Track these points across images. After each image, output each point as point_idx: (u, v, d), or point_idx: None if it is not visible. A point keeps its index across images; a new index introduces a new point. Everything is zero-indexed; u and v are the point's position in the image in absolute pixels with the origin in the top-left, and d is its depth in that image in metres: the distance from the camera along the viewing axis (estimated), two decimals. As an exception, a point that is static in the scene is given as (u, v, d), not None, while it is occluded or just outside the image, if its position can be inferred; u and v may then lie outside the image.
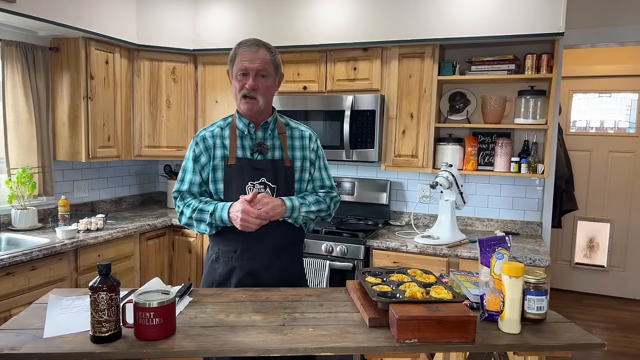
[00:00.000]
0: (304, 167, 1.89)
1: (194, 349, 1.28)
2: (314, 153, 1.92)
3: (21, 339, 1.30)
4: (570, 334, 1.42)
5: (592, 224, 4.79)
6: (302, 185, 1.89)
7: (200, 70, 3.64)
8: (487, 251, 1.53)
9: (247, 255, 1.81)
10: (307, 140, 1.91)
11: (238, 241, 1.81)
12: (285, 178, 1.83)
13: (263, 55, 1.77)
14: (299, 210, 1.80)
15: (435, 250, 2.78)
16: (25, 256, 2.40)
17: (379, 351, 1.33)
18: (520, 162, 2.98)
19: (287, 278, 1.85)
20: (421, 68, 3.06)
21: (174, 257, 3.49)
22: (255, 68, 1.75)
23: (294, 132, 1.90)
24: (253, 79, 1.75)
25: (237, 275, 1.82)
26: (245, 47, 1.77)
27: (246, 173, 1.80)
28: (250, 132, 1.84)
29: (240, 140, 1.84)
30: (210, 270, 1.89)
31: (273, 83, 1.83)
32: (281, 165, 1.83)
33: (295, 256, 1.93)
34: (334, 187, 1.97)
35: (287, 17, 3.28)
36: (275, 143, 1.86)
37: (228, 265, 1.84)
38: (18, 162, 2.95)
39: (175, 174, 3.94)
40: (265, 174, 1.81)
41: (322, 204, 1.88)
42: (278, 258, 1.84)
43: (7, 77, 2.88)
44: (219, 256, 1.86)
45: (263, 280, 1.82)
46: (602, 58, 4.60)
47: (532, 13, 2.75)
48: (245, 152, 1.83)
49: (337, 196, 1.96)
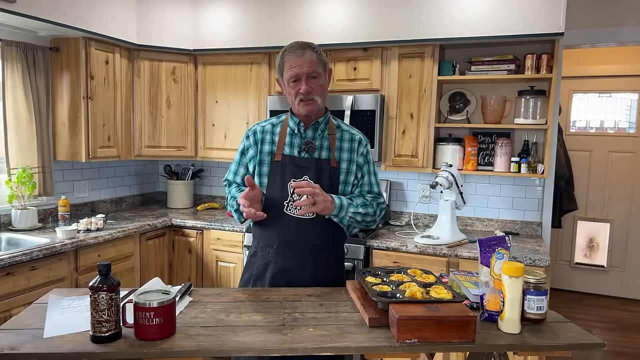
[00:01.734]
0: (350, 170, 1.88)
1: (194, 349, 1.28)
2: (363, 157, 1.91)
3: (21, 339, 1.30)
4: (570, 334, 1.42)
5: (592, 224, 4.79)
6: (347, 187, 1.88)
7: (200, 70, 3.64)
8: (487, 251, 1.53)
9: (283, 251, 1.82)
10: (357, 143, 1.90)
11: (276, 236, 1.82)
12: (329, 178, 1.83)
13: (310, 57, 1.77)
14: (347, 210, 1.79)
15: (435, 250, 2.78)
16: (25, 256, 2.40)
17: (379, 351, 1.33)
18: (520, 162, 2.98)
19: (321, 280, 1.83)
20: (421, 68, 3.06)
21: (174, 257, 3.49)
22: (305, 72, 1.76)
23: (344, 134, 1.90)
24: (306, 83, 1.76)
25: (271, 270, 1.83)
26: (291, 53, 1.78)
27: (289, 170, 1.82)
28: (300, 130, 1.86)
29: (290, 138, 1.87)
30: (249, 265, 1.91)
31: (325, 81, 1.84)
32: (326, 165, 1.84)
33: (332, 258, 1.90)
34: (381, 193, 1.96)
35: (287, 17, 3.28)
36: (324, 143, 1.86)
37: (265, 260, 1.85)
38: (18, 162, 2.95)
39: (176, 174, 3.95)
40: (308, 172, 1.82)
41: (369, 207, 1.87)
42: (314, 258, 1.83)
43: (7, 77, 2.88)
44: (258, 250, 1.88)
45: (295, 279, 1.81)
46: (602, 58, 4.60)
47: (532, 13, 2.75)
48: (292, 150, 1.86)
49: (383, 203, 1.95)
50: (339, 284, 1.90)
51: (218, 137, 3.65)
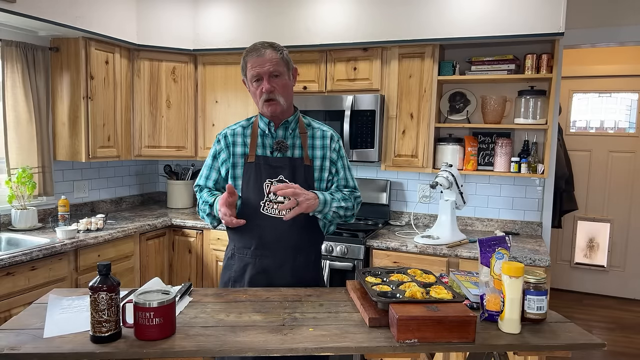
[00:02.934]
0: (324, 167, 1.88)
1: (194, 349, 1.28)
2: (336, 153, 1.92)
3: (21, 339, 1.30)
4: (570, 334, 1.42)
5: (592, 224, 4.79)
6: (322, 184, 1.89)
7: (200, 70, 3.64)
8: (487, 251, 1.53)
9: (261, 252, 1.82)
10: (329, 140, 1.91)
11: (253, 238, 1.82)
12: (304, 176, 1.83)
13: (271, 56, 1.77)
14: (331, 205, 1.79)
15: (435, 250, 2.78)
16: (25, 256, 2.40)
17: (379, 351, 1.33)
18: (520, 162, 2.98)
19: (301, 280, 1.83)
20: (421, 68, 3.06)
21: (174, 257, 3.49)
22: (266, 71, 1.76)
23: (315, 132, 1.90)
24: (267, 82, 1.76)
25: (250, 272, 1.83)
26: (252, 52, 1.79)
27: (264, 170, 1.82)
28: (271, 131, 1.86)
29: (261, 139, 1.87)
30: (227, 267, 1.91)
31: (288, 80, 1.84)
32: (300, 164, 1.84)
33: (312, 257, 1.90)
34: (357, 187, 1.96)
35: (287, 17, 3.28)
36: (296, 142, 1.87)
37: (242, 262, 1.85)
38: (18, 162, 2.95)
39: (175, 174, 3.95)
40: (282, 171, 1.82)
41: (348, 202, 1.87)
42: (293, 258, 1.83)
43: (7, 77, 2.87)
44: (235, 252, 1.88)
45: (275, 280, 1.81)
46: (602, 58, 4.60)
47: (532, 13, 2.75)
48: (265, 151, 1.85)
49: (359, 197, 1.96)
50: (319, 283, 1.92)
51: (218, 137, 3.64)
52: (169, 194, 3.91)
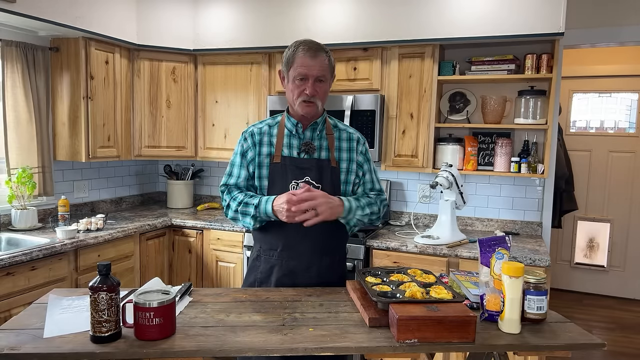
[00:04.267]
0: (350, 169, 1.88)
1: (194, 349, 1.28)
2: (362, 156, 1.92)
3: (21, 339, 1.30)
4: (570, 334, 1.42)
5: (592, 224, 4.79)
6: (348, 187, 1.88)
7: (200, 70, 3.64)
8: (487, 251, 1.53)
9: (287, 254, 1.81)
10: (355, 142, 1.90)
11: (279, 239, 1.82)
12: (331, 178, 1.83)
13: (322, 61, 1.76)
14: (355, 212, 1.79)
15: (435, 250, 2.78)
16: (25, 256, 2.40)
17: (379, 351, 1.33)
18: (520, 162, 2.98)
19: (327, 281, 1.83)
20: (421, 68, 3.06)
21: (174, 257, 3.49)
22: (315, 75, 1.75)
23: (342, 133, 1.90)
24: (313, 86, 1.75)
25: (276, 274, 1.82)
26: (305, 51, 1.76)
27: (290, 171, 1.81)
28: (298, 131, 1.85)
29: (288, 139, 1.85)
30: (252, 269, 1.90)
31: (329, 86, 1.84)
32: (327, 165, 1.83)
33: (337, 258, 1.90)
34: (382, 190, 1.97)
35: (287, 17, 3.28)
36: (323, 144, 1.86)
37: (269, 264, 1.84)
38: (18, 162, 2.95)
39: (175, 174, 3.95)
40: (309, 172, 1.81)
41: (375, 206, 1.88)
42: (319, 259, 1.83)
43: (7, 77, 2.87)
44: (260, 254, 1.87)
45: (301, 282, 1.81)
46: (602, 58, 4.60)
47: (532, 13, 2.75)
48: (291, 151, 1.84)
49: (386, 199, 1.96)
50: (342, 284, 1.90)
51: (218, 137, 3.65)
52: (169, 194, 3.91)
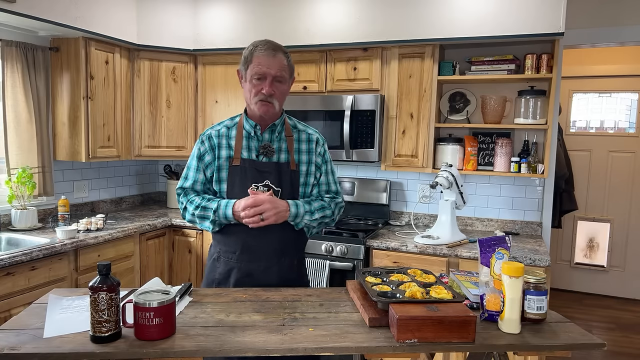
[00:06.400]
0: (310, 172, 1.88)
1: (194, 349, 1.28)
2: (321, 157, 1.91)
3: (21, 339, 1.30)
4: (570, 334, 1.42)
5: (592, 224, 4.79)
6: (307, 189, 1.89)
7: (200, 70, 3.64)
8: (487, 251, 1.53)
9: (246, 257, 1.81)
10: (314, 144, 1.89)
11: (237, 242, 1.81)
12: (290, 181, 1.83)
13: (280, 61, 1.76)
14: (302, 217, 1.80)
15: (435, 250, 2.78)
16: (25, 256, 2.40)
17: (379, 351, 1.32)
18: (520, 162, 2.98)
19: (286, 282, 1.84)
20: (421, 68, 3.06)
21: (174, 257, 3.49)
22: (272, 74, 1.74)
23: (301, 135, 1.89)
24: (270, 85, 1.74)
25: (235, 275, 1.83)
26: (263, 50, 1.74)
27: (250, 175, 1.80)
28: (257, 133, 1.83)
29: (247, 141, 1.83)
30: (212, 269, 1.89)
31: (287, 87, 1.83)
32: (286, 169, 1.82)
33: (295, 260, 1.90)
34: (339, 192, 1.96)
35: (287, 17, 3.28)
36: (282, 146, 1.85)
37: (228, 265, 1.84)
38: (18, 162, 2.95)
39: (175, 174, 3.95)
40: (269, 176, 1.80)
41: (327, 209, 1.88)
42: (277, 261, 1.83)
43: (7, 77, 2.87)
44: (220, 255, 1.87)
45: (260, 282, 1.82)
46: (602, 58, 4.60)
47: (532, 13, 2.75)
48: (250, 154, 1.82)
49: (342, 202, 1.96)
50: (302, 283, 1.91)
51: (218, 137, 3.64)
52: (169, 194, 3.91)
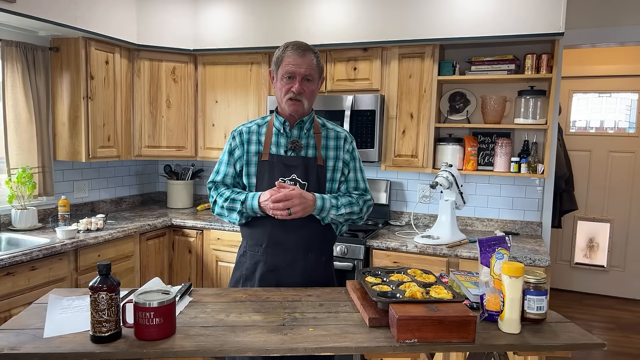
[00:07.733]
0: (337, 167, 1.90)
1: (194, 349, 1.28)
2: (349, 154, 1.94)
3: (21, 339, 1.30)
4: (570, 334, 1.42)
5: (592, 224, 4.79)
6: (334, 185, 1.91)
7: (200, 70, 3.64)
8: (487, 251, 1.53)
9: (272, 250, 1.83)
10: (342, 141, 1.93)
11: (264, 235, 1.84)
12: (317, 176, 1.86)
13: (310, 60, 1.81)
14: (329, 212, 1.81)
15: (435, 250, 2.78)
16: (25, 256, 2.40)
17: (379, 351, 1.33)
18: (520, 162, 2.98)
19: (311, 279, 1.84)
20: (421, 68, 3.06)
21: (174, 257, 3.49)
22: (302, 73, 1.79)
23: (329, 132, 1.93)
24: (299, 84, 1.79)
25: (260, 269, 1.84)
26: (293, 50, 1.81)
27: (277, 169, 1.84)
28: (286, 130, 1.88)
29: (276, 137, 1.89)
30: (238, 265, 1.92)
31: (317, 87, 1.88)
32: (313, 163, 1.86)
33: (323, 257, 1.91)
34: (368, 189, 1.98)
35: (287, 17, 3.28)
36: (310, 142, 1.89)
37: (254, 259, 1.86)
38: (18, 162, 2.95)
39: (175, 174, 3.95)
40: (296, 170, 1.84)
41: (355, 206, 1.88)
42: (303, 256, 1.84)
43: (7, 77, 2.87)
44: (247, 250, 1.89)
45: (285, 278, 1.82)
46: (602, 58, 4.60)
47: (532, 13, 2.75)
48: (279, 149, 1.88)
49: (370, 199, 1.96)
50: (330, 283, 1.91)
51: (218, 137, 3.65)
52: (169, 194, 3.91)
